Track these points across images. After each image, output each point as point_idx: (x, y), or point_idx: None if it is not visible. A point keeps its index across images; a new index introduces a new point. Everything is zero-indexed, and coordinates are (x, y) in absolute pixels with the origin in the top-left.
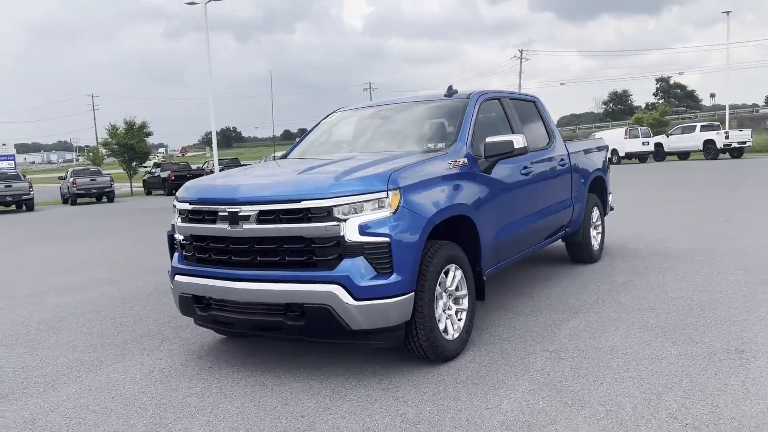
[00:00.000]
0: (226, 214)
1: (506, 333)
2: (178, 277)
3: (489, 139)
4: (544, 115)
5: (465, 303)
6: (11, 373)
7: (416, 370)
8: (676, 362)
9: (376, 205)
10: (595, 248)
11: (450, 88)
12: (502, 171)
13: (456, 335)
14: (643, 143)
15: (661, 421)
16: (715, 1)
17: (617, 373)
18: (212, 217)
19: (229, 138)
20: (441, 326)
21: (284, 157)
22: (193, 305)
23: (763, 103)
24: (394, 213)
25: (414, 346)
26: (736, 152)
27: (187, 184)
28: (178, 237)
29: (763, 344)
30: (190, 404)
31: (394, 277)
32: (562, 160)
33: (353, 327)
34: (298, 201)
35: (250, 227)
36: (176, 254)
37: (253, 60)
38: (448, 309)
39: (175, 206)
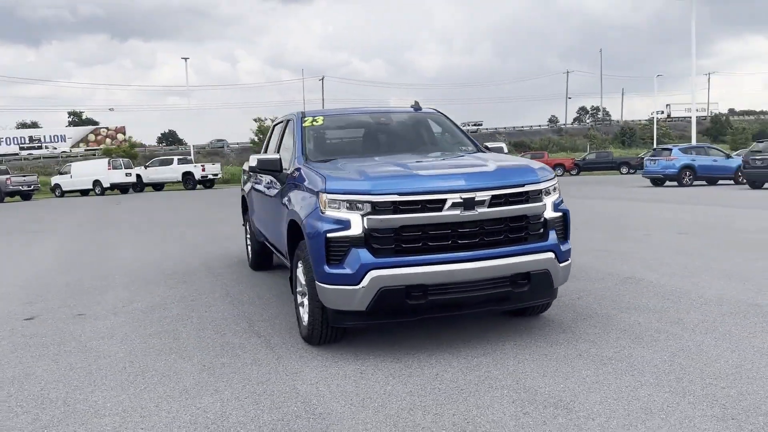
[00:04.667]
0: (461, 200)
1: None
2: (376, 273)
3: (490, 145)
4: None
5: None
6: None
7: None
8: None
9: (554, 188)
10: None
11: (417, 103)
12: None
13: None
14: (126, 174)
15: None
16: (93, 44)
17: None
18: (438, 205)
19: None
20: None
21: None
22: (404, 297)
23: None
24: (559, 194)
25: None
26: (209, 183)
27: (354, 178)
28: (356, 232)
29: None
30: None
31: (569, 244)
32: None
33: (556, 285)
34: (522, 186)
35: (484, 210)
36: (358, 251)
37: None
38: None
39: (360, 201)
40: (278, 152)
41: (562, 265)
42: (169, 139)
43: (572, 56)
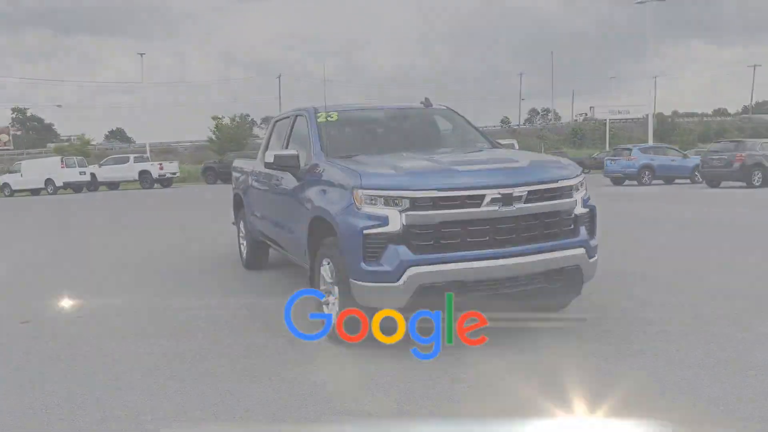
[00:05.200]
0: (499, 196)
1: None
2: (415, 270)
3: (501, 141)
4: None
5: None
6: None
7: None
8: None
9: (582, 184)
10: None
11: (427, 99)
12: None
13: None
14: (81, 173)
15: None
16: (36, 38)
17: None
18: (477, 201)
19: None
20: None
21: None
22: (443, 294)
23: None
24: (586, 190)
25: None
26: (167, 182)
27: (391, 173)
28: (394, 228)
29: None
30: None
31: (596, 240)
32: None
33: (586, 280)
34: (556, 181)
35: (521, 206)
36: (396, 248)
37: None
38: None
39: (398, 197)
40: (287, 149)
41: (591, 260)
42: (117, 137)
43: (523, 58)
